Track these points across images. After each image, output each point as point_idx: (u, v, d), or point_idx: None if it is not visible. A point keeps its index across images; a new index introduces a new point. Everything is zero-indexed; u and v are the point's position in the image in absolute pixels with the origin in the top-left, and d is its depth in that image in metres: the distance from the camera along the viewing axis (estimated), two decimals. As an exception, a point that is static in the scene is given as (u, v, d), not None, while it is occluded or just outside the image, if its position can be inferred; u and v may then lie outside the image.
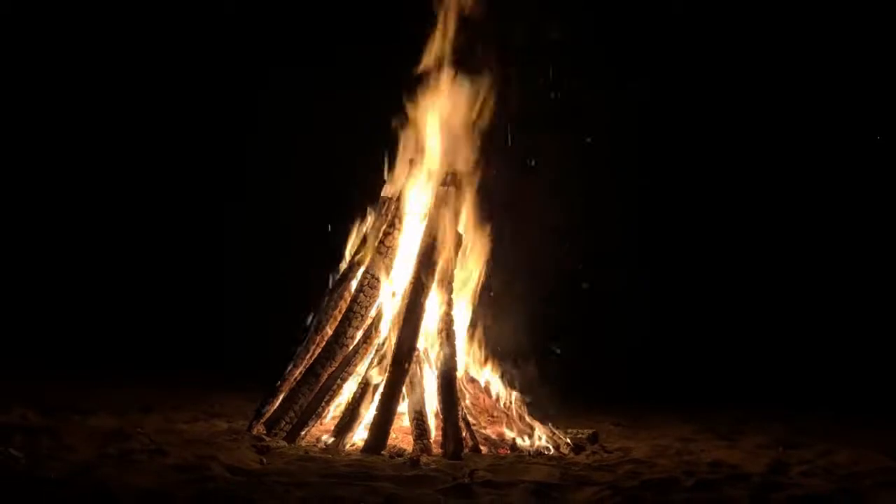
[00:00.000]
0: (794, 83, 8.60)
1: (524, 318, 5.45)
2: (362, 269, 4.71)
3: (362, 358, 4.55)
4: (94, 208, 9.14)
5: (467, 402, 4.70)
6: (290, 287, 5.54)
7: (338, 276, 4.81)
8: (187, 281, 8.89)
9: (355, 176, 5.13)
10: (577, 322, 7.87)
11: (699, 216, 8.79)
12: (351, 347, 4.57)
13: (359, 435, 4.38)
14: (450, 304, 4.62)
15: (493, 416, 4.75)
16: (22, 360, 7.12)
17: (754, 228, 8.85)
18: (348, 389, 4.55)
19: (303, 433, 4.41)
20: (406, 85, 4.88)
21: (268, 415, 4.53)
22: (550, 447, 4.55)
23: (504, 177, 5.07)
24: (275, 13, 8.65)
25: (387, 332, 4.57)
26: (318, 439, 4.42)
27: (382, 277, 4.66)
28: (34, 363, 7.08)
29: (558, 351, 6.23)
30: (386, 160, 4.90)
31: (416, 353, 4.47)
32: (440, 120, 4.85)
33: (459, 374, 4.62)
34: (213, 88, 8.85)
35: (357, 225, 4.92)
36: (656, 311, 8.49)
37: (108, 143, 9.12)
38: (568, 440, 4.71)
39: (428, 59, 4.88)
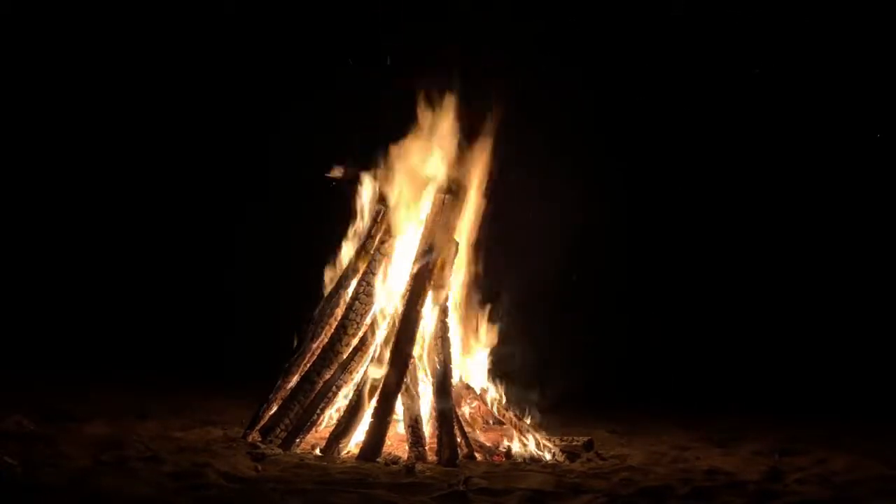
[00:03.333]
0: (793, 84, 8.60)
1: (521, 323, 5.46)
2: (358, 276, 4.71)
3: (358, 365, 4.55)
4: (93, 211, 9.12)
5: (463, 409, 4.70)
6: (289, 294, 5.54)
7: (334, 284, 4.81)
8: (187, 285, 8.88)
9: (354, 182, 5.12)
10: (573, 328, 7.88)
11: (695, 221, 8.79)
12: (346, 355, 4.57)
13: (354, 442, 4.37)
14: (445, 311, 4.63)
15: (488, 424, 4.75)
16: (19, 362, 7.10)
17: (749, 233, 8.85)
18: (344, 397, 4.55)
19: (298, 440, 4.40)
20: (409, 92, 4.90)
21: (263, 422, 4.52)
22: (546, 454, 4.55)
23: (500, 182, 5.06)
24: (289, 16, 8.67)
25: (382, 340, 4.57)
26: (314, 447, 4.41)
27: (378, 285, 4.66)
28: (31, 366, 7.07)
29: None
30: (383, 167, 4.91)
31: (412, 360, 4.47)
32: (439, 128, 4.86)
33: (455, 381, 4.62)
34: (224, 92, 8.85)
35: (354, 232, 4.92)
36: (652, 317, 8.49)
37: (111, 143, 9.11)
38: (563, 447, 4.70)
39: (431, 71, 4.90)
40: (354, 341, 4.58)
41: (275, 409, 4.54)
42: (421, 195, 4.78)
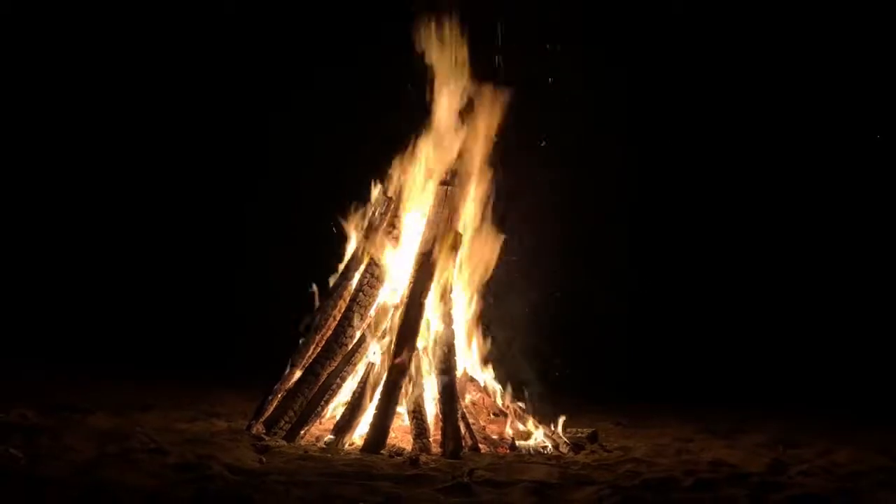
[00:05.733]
0: (794, 83, 8.59)
1: (524, 316, 5.45)
2: (362, 267, 4.71)
3: (362, 357, 4.55)
4: (94, 206, 9.13)
5: (467, 401, 4.70)
6: (292, 285, 5.54)
7: (338, 275, 4.81)
8: (189, 278, 8.88)
9: (357, 174, 5.13)
10: (576, 321, 7.88)
11: (697, 215, 8.79)
12: (350, 346, 4.57)
13: (358, 434, 4.38)
14: (450, 303, 4.63)
15: (492, 415, 4.75)
16: (23, 357, 7.11)
17: (753, 227, 8.84)
18: (348, 388, 4.55)
19: (302, 432, 4.41)
20: (412, 85, 4.90)
21: (267, 414, 4.53)
22: (550, 446, 4.56)
23: (504, 173, 5.05)
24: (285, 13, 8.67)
25: (386, 332, 4.57)
26: (318, 438, 4.42)
27: (382, 276, 4.66)
28: (35, 361, 7.08)
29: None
30: (387, 159, 4.91)
31: (416, 352, 4.47)
32: (443, 118, 4.85)
33: (459, 373, 4.62)
34: (229, 86, 8.84)
35: (358, 223, 4.92)
36: (656, 310, 8.49)
37: (114, 139, 9.11)
38: (567, 439, 4.71)
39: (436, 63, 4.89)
40: (358, 333, 4.58)
41: (279, 401, 4.54)
42: (425, 185, 4.78)
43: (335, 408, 4.61)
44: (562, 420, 4.84)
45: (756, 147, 8.78)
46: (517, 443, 4.53)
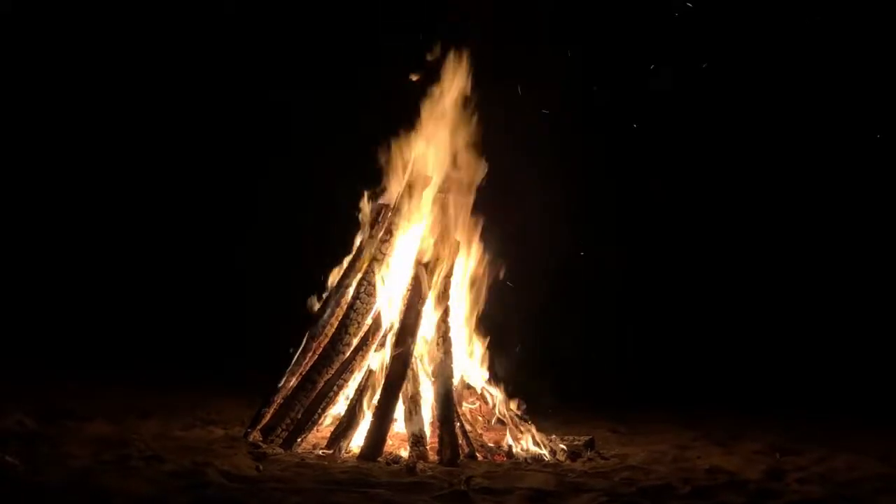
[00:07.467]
0: (794, 83, 8.59)
1: (522, 322, 5.45)
2: (359, 276, 4.71)
3: (359, 365, 4.55)
4: (95, 209, 9.12)
5: (464, 408, 4.70)
6: (290, 293, 5.55)
7: (335, 284, 4.81)
8: (188, 284, 8.87)
9: (355, 182, 5.14)
10: (573, 327, 7.89)
11: (695, 219, 8.79)
12: (348, 354, 4.57)
13: (355, 441, 4.38)
14: (446, 311, 4.63)
15: (489, 423, 4.75)
16: (20, 361, 7.10)
17: (750, 231, 8.84)
18: (345, 396, 4.55)
19: (299, 440, 4.41)
20: (403, 91, 4.91)
21: (264, 421, 4.52)
22: (547, 454, 4.55)
23: (498, 178, 5.06)
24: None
25: (383, 340, 4.57)
26: (315, 446, 4.42)
27: (379, 285, 4.67)
28: (32, 365, 7.06)
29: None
30: (383, 167, 4.92)
31: (413, 359, 4.47)
32: (437, 127, 4.86)
33: (456, 380, 4.62)
34: (235, 89, 8.84)
35: (355, 231, 4.92)
36: (653, 315, 8.49)
37: (112, 141, 9.10)
38: (564, 447, 4.70)
39: (427, 67, 4.91)
40: (355, 341, 4.58)
41: (276, 408, 4.54)
42: (422, 194, 4.79)
43: (332, 415, 4.61)
44: (545, 432, 4.84)
45: (753, 148, 8.78)
46: (514, 450, 4.53)
